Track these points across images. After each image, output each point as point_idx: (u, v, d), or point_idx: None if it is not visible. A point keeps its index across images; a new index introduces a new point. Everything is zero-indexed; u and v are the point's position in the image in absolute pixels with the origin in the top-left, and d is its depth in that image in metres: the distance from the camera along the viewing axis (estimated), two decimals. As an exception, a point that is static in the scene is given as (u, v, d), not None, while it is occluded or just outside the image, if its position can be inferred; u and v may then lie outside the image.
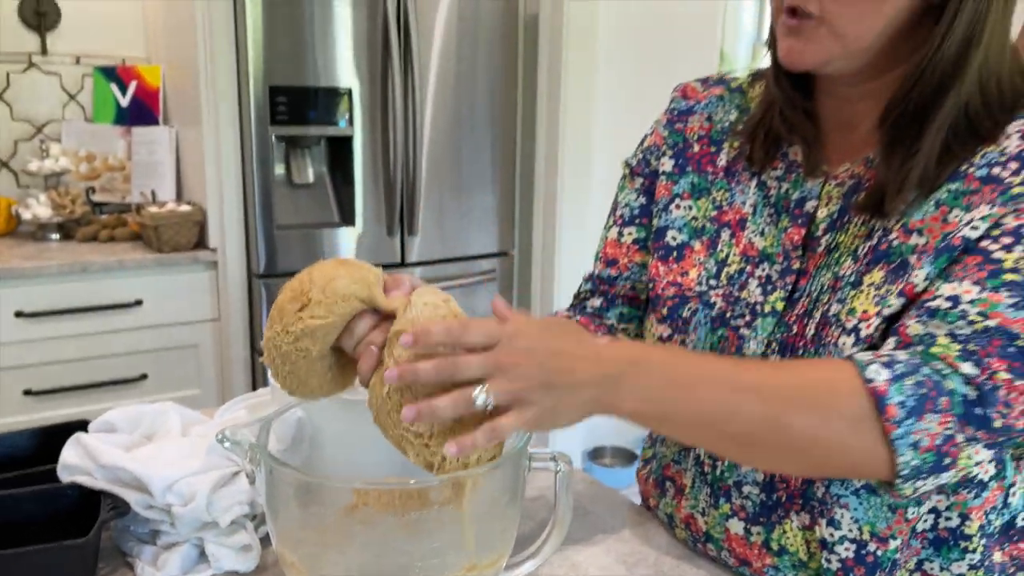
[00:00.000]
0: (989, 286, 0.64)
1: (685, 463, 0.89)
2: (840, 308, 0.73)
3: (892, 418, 0.61)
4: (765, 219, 0.82)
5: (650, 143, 0.94)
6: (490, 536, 0.68)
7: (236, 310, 2.37)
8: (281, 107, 2.28)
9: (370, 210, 2.47)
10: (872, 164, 0.75)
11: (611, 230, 0.96)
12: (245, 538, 0.81)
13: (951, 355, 0.63)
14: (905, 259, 0.70)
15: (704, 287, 0.84)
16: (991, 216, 0.67)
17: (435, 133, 2.54)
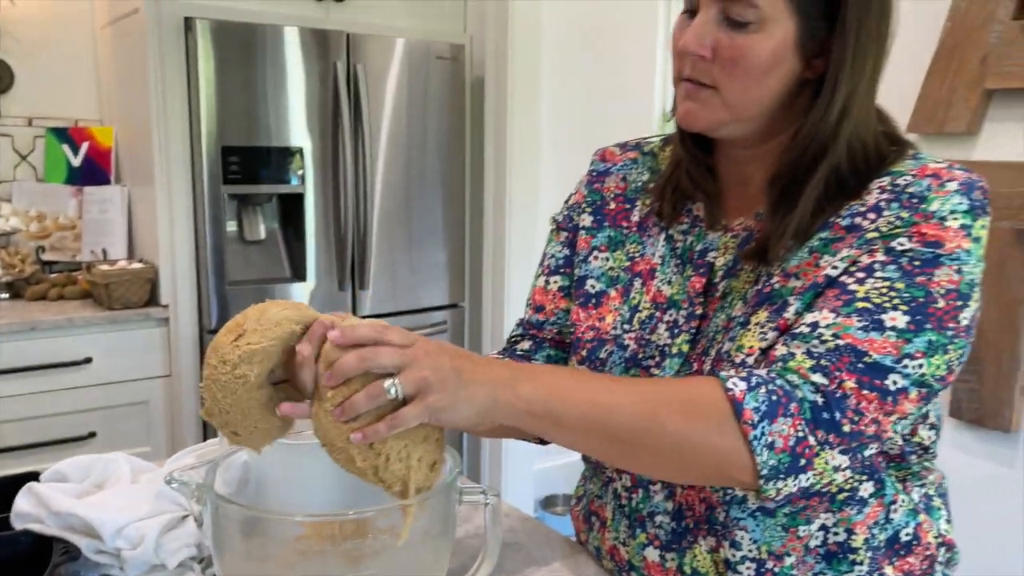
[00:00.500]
0: (843, 312, 0.73)
1: (606, 497, 0.95)
2: (731, 346, 0.81)
3: (748, 420, 0.69)
4: (672, 269, 0.90)
5: (574, 201, 1.03)
6: (422, 566, 0.73)
7: (188, 366, 2.38)
8: (234, 166, 2.34)
9: (322, 265, 2.52)
10: (761, 217, 0.84)
11: (539, 279, 1.04)
12: (192, 579, 0.84)
13: (804, 367, 0.72)
14: (785, 300, 0.79)
15: (619, 331, 0.91)
16: (849, 257, 0.76)
17: (386, 190, 2.62)
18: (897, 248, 0.74)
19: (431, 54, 2.63)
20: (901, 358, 0.71)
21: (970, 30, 1.65)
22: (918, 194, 0.75)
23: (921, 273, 0.73)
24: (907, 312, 0.72)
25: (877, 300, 0.73)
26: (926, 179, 0.76)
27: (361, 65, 2.49)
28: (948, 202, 0.74)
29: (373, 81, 2.53)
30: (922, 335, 0.72)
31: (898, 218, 0.75)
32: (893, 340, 0.71)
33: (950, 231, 0.74)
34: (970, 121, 1.67)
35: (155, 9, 2.22)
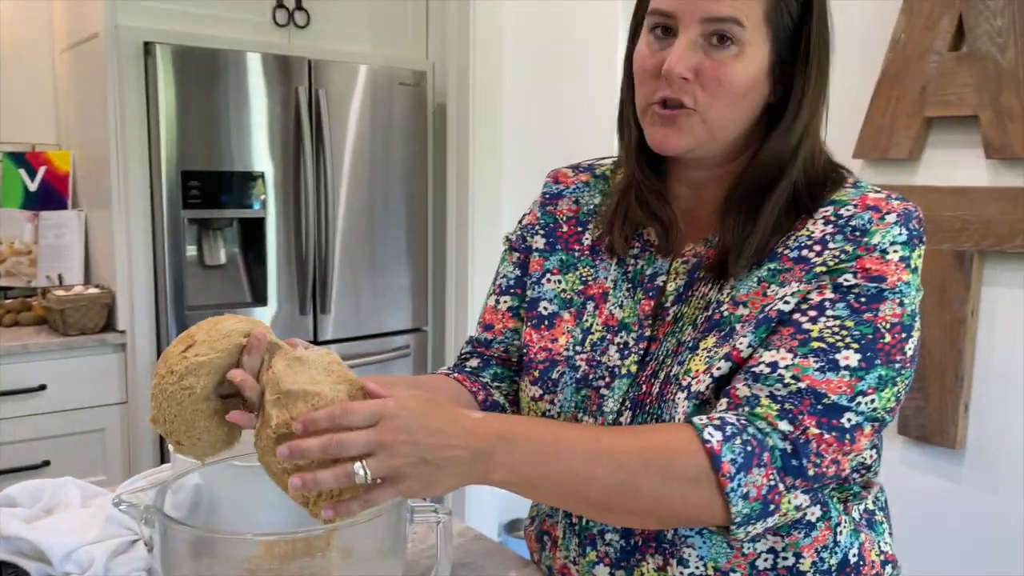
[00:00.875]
0: (799, 353, 0.76)
1: (557, 516, 0.96)
2: (680, 369, 0.83)
3: (726, 473, 0.71)
4: (624, 293, 0.92)
5: (527, 221, 1.04)
6: (373, 582, 0.73)
7: (145, 392, 2.35)
8: (194, 191, 2.33)
9: (283, 289, 2.52)
10: (711, 244, 0.87)
11: (491, 298, 1.05)
12: (142, 603, 0.84)
13: (771, 414, 0.75)
14: (732, 327, 0.81)
15: (571, 352, 0.92)
16: (799, 292, 0.79)
17: (349, 214, 2.63)
18: (844, 284, 0.77)
19: (394, 80, 2.66)
20: (855, 396, 0.75)
21: (910, 61, 1.72)
22: (860, 227, 0.79)
23: (868, 309, 0.76)
24: (858, 350, 0.75)
25: (830, 339, 0.76)
26: (867, 211, 0.79)
27: (323, 90, 2.50)
28: (888, 234, 0.78)
29: (336, 106, 2.55)
30: (873, 371, 0.75)
31: (843, 251, 0.78)
32: (847, 379, 0.75)
33: (891, 264, 0.77)
34: (912, 148, 1.74)
35: (114, 34, 2.22)
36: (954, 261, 1.68)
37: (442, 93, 2.81)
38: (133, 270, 2.31)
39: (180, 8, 2.33)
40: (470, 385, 1.00)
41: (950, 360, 1.69)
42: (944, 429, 1.71)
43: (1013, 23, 1.56)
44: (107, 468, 2.34)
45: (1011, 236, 1.59)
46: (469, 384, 1.00)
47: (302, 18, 2.54)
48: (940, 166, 1.74)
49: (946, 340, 1.70)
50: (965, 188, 1.67)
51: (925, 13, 1.69)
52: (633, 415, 0.87)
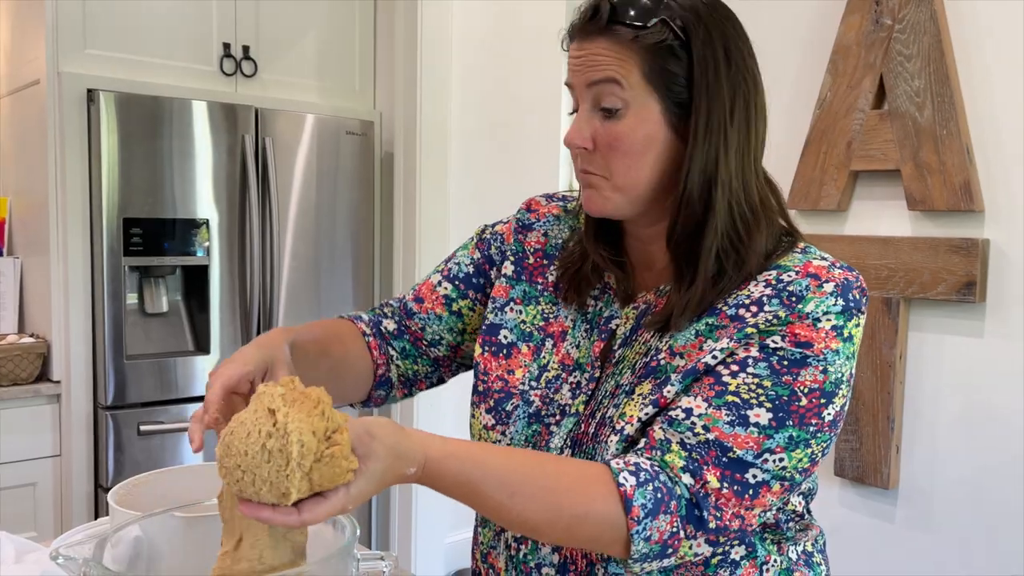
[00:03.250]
0: (714, 403, 0.79)
1: (499, 548, 0.97)
2: (615, 412, 0.85)
3: (635, 517, 0.75)
4: (581, 334, 0.94)
5: (502, 230, 1.05)
6: (318, 632, 0.73)
7: (80, 445, 2.28)
8: (135, 238, 2.30)
9: (227, 337, 2.49)
10: (661, 293, 0.90)
11: (435, 275, 1.06)
12: (77, 661, 0.81)
13: (677, 466, 0.78)
14: (668, 376, 0.83)
15: (527, 387, 0.94)
16: (727, 349, 0.81)
17: (295, 261, 2.62)
18: (771, 346, 0.79)
19: (341, 129, 2.69)
20: (761, 453, 0.77)
21: (836, 118, 1.81)
22: (797, 293, 0.80)
23: (788, 372, 0.78)
24: (770, 409, 0.78)
25: (745, 395, 0.78)
26: (807, 279, 0.81)
27: (270, 139, 2.51)
28: (823, 304, 0.79)
29: (282, 154, 2.56)
30: (783, 431, 0.78)
31: (775, 316, 0.80)
32: (755, 436, 0.77)
33: (821, 332, 0.79)
34: (840, 200, 1.82)
35: (57, 81, 2.21)
36: (882, 307, 1.75)
37: (389, 142, 2.84)
38: (70, 318, 2.26)
39: (125, 56, 2.33)
40: (377, 356, 1.03)
41: (881, 403, 1.76)
42: (877, 470, 1.77)
43: (930, 84, 1.67)
44: (38, 524, 2.25)
45: (933, 284, 1.68)
46: (377, 354, 1.03)
47: (249, 67, 2.56)
48: (866, 217, 1.82)
49: (877, 384, 1.76)
50: (890, 238, 1.75)
51: (849, 73, 1.79)
52: (572, 453, 0.89)
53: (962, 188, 1.63)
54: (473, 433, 0.98)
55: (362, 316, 1.07)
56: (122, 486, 1.00)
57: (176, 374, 2.42)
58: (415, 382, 1.08)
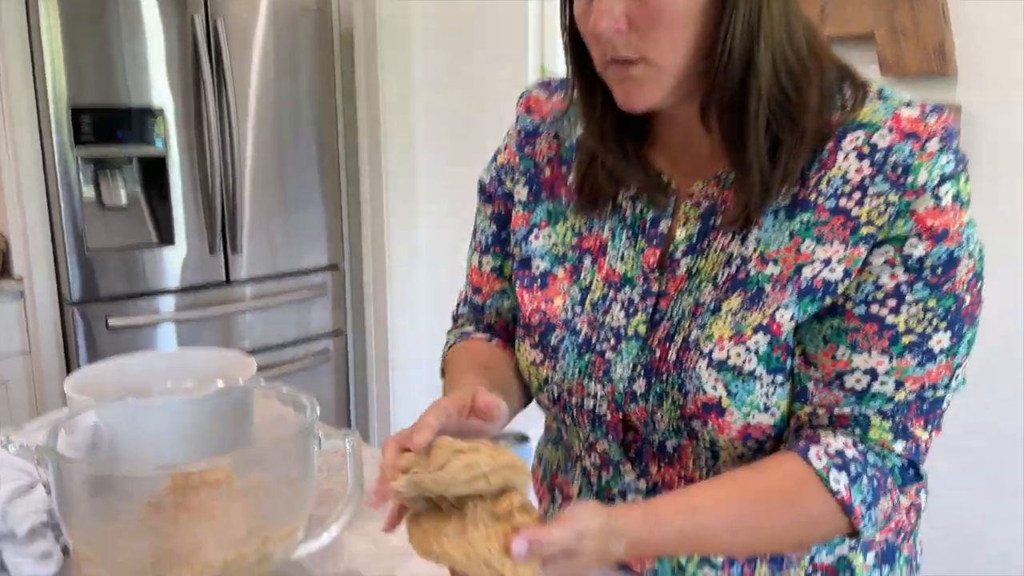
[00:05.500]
0: (894, 352, 0.70)
1: (572, 473, 0.91)
2: (700, 334, 0.75)
3: (858, 515, 0.70)
4: (624, 243, 0.82)
5: (503, 160, 0.92)
6: (280, 509, 0.73)
7: (49, 341, 2.26)
8: (86, 128, 2.21)
9: (191, 229, 2.43)
10: (725, 183, 0.76)
11: (473, 255, 0.96)
12: (44, 545, 0.82)
13: (887, 439, 0.72)
14: (761, 287, 0.73)
15: (569, 315, 0.84)
16: (846, 258, 0.69)
17: (257, 149, 2.54)
18: (915, 256, 0.69)
19: (295, 5, 2.55)
20: (953, 372, 0.72)
21: (812, -20, 1.74)
22: (901, 163, 0.68)
23: (945, 279, 0.69)
24: (947, 327, 0.70)
25: (919, 329, 0.70)
26: (906, 142, 0.69)
27: (221, 19, 2.38)
28: (935, 169, 0.68)
29: (236, 36, 2.43)
30: (963, 339, 0.71)
31: (886, 203, 0.69)
32: (944, 362, 0.71)
33: (948, 211, 0.69)
34: (814, 68, 1.76)
35: (-15, -42, 2.06)
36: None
37: (348, 17, 2.71)
38: (26, 213, 2.19)
39: (58, -71, 2.17)
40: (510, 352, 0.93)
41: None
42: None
43: (908, -59, 1.59)
44: (13, 421, 2.25)
45: (905, 152, 1.65)
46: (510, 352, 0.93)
47: (193, -60, 2.40)
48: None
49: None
50: (863, 107, 1.71)
51: (826, -68, 1.71)
52: (648, 383, 0.78)
53: (936, 51, 1.58)
54: (521, 368, 0.88)
55: (470, 332, 0.97)
56: (79, 373, 0.98)
57: (143, 268, 2.38)
58: None
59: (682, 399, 0.75)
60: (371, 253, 2.85)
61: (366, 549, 0.88)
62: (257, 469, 0.71)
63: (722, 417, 0.73)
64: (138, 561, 0.68)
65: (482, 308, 0.96)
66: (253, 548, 0.70)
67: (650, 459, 0.82)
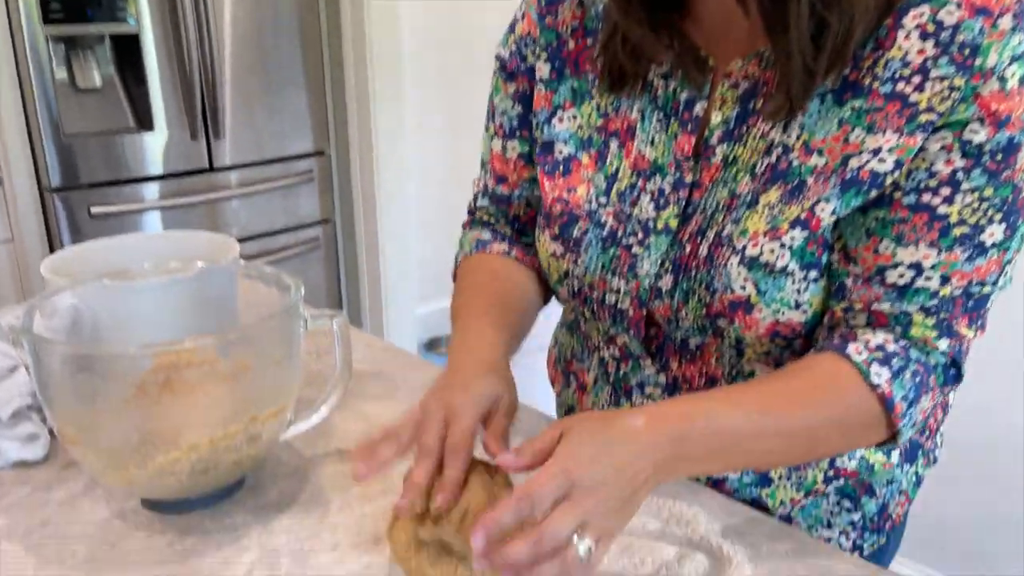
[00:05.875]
0: (944, 246, 0.64)
1: (588, 362, 0.88)
2: (734, 229, 0.69)
3: (899, 413, 0.65)
4: (655, 126, 0.75)
5: (523, 31, 0.83)
6: (267, 390, 0.72)
7: (31, 230, 2.22)
8: (54, 4, 2.09)
9: (171, 113, 2.35)
10: (767, 63, 0.69)
11: (494, 141, 0.87)
12: (30, 428, 0.81)
13: (930, 336, 0.67)
14: (803, 180, 0.67)
15: (594, 205, 0.78)
16: (898, 148, 0.63)
17: (236, 30, 2.42)
18: (974, 142, 0.62)
19: None
20: (1003, 268, 0.66)
21: None
22: (970, 43, 0.60)
23: (1004, 166, 0.62)
24: (1002, 219, 0.64)
25: (972, 220, 0.64)
26: (976, 19, 0.61)
27: None
28: (1006, 49, 0.60)
29: (206, -97, 2.28)
30: (1016, 232, 0.65)
31: (951, 88, 0.61)
32: (995, 257, 0.65)
33: (1013, 96, 0.61)
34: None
35: None
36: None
37: None
38: (-2, 96, 2.10)
39: None
40: (529, 261, 0.88)
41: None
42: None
43: None
44: None
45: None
46: (529, 260, 0.88)
47: None
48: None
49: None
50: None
51: None
52: (675, 280, 0.73)
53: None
54: (541, 260, 0.83)
55: (487, 240, 0.89)
56: (57, 255, 0.96)
57: (123, 154, 2.31)
58: None
59: (709, 297, 0.71)
60: (357, 138, 2.77)
61: (357, 429, 0.88)
62: (241, 349, 0.69)
63: (750, 315, 0.69)
64: (124, 442, 0.66)
65: (508, 199, 0.89)
66: (241, 428, 0.69)
67: (671, 355, 0.80)
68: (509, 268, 0.87)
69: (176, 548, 0.69)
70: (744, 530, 0.71)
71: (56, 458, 0.82)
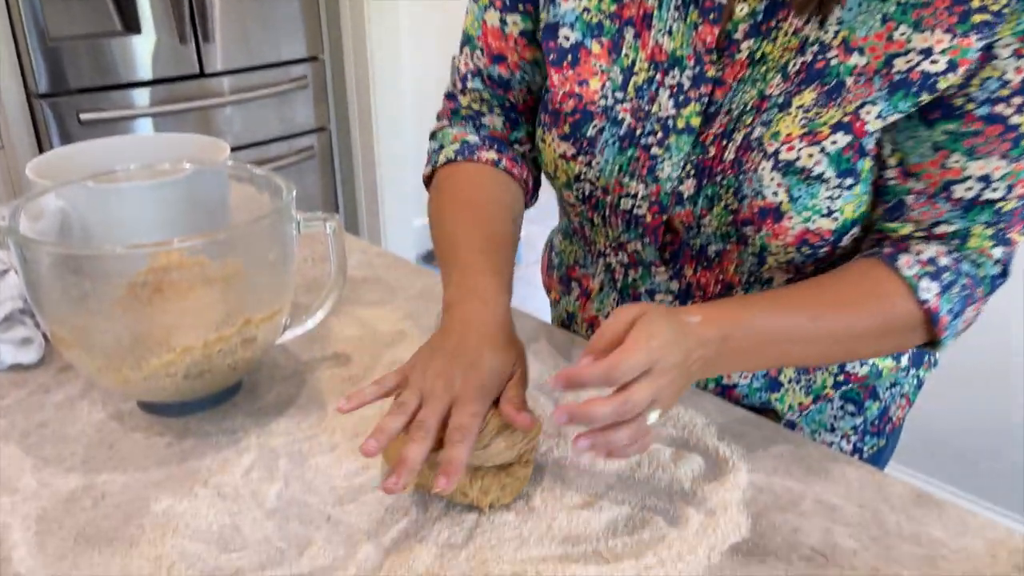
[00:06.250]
0: (1013, 156, 0.61)
1: (593, 269, 0.86)
2: (764, 131, 0.66)
3: (944, 326, 0.65)
4: (672, 14, 0.69)
5: None
6: (260, 293, 0.71)
7: (21, 137, 2.17)
8: None
9: (158, 16, 2.27)
10: None
11: (488, 13, 0.79)
12: (24, 332, 0.80)
13: (986, 246, 0.65)
14: (842, 80, 0.63)
15: (610, 101, 0.72)
16: (951, 49, 0.58)
17: (221, -75, 2.31)
18: None
19: None
20: None
21: None
22: None
23: None
24: None
25: None
26: None
27: None
28: None
29: None
30: None
31: None
32: None
33: None
34: None
35: None
36: None
37: None
38: (-24, -4, 2.02)
39: None
40: (519, 172, 0.82)
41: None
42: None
43: None
44: (-5, 218, 2.21)
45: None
46: (518, 171, 0.82)
47: None
48: None
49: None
50: None
51: None
52: (699, 184, 0.70)
53: None
54: (547, 161, 0.78)
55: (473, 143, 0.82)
56: (43, 156, 0.93)
57: (111, 58, 2.24)
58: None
59: (736, 204, 0.68)
60: (352, 42, 2.69)
61: (354, 334, 0.88)
62: (232, 251, 0.68)
63: (779, 223, 0.66)
64: (117, 344, 0.66)
65: (507, 84, 0.81)
66: (235, 331, 0.68)
67: (687, 262, 0.76)
68: (501, 186, 0.81)
69: (174, 449, 0.70)
70: (741, 432, 0.71)
71: (52, 362, 0.82)
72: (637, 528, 0.60)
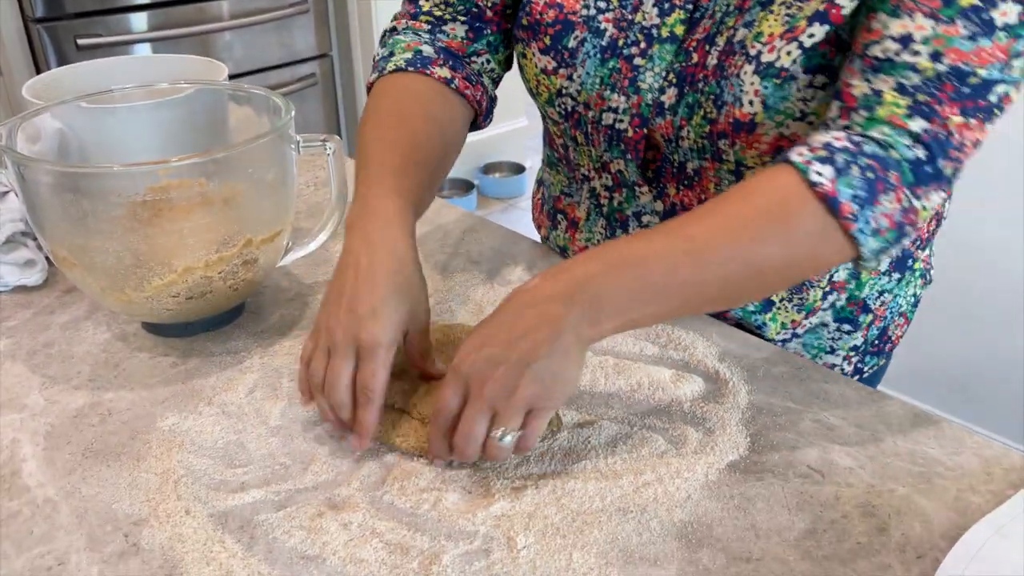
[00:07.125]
0: (944, 16, 0.55)
1: (578, 196, 0.84)
2: (747, 33, 0.64)
3: (848, 215, 0.56)
4: None
5: None
6: (260, 214, 0.70)
7: (18, 63, 2.14)
8: None
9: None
10: None
11: None
12: (27, 253, 0.80)
13: (899, 114, 0.57)
14: None
15: (592, 11, 0.71)
16: None
17: None
18: None
19: None
20: (1010, 60, 0.56)
21: None
22: None
23: None
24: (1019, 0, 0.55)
25: None
26: None
27: None
28: None
29: None
30: None
31: None
32: (1003, 43, 0.56)
33: None
34: None
35: None
36: None
37: None
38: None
39: None
40: (471, 94, 0.77)
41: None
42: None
43: None
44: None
45: None
46: (471, 92, 0.77)
47: None
48: None
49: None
50: None
51: None
52: (679, 93, 0.68)
53: None
54: (528, 78, 0.76)
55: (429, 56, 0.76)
56: (39, 77, 0.92)
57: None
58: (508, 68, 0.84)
59: (715, 112, 0.66)
60: (359, 39, 2.63)
61: (356, 258, 0.87)
62: (231, 172, 0.67)
63: (752, 133, 0.65)
64: (118, 264, 0.66)
65: None
66: (235, 252, 0.68)
67: (668, 180, 0.76)
68: (443, 105, 0.76)
69: (179, 368, 0.70)
70: (741, 354, 0.72)
71: (57, 284, 0.82)
72: (636, 446, 0.61)
